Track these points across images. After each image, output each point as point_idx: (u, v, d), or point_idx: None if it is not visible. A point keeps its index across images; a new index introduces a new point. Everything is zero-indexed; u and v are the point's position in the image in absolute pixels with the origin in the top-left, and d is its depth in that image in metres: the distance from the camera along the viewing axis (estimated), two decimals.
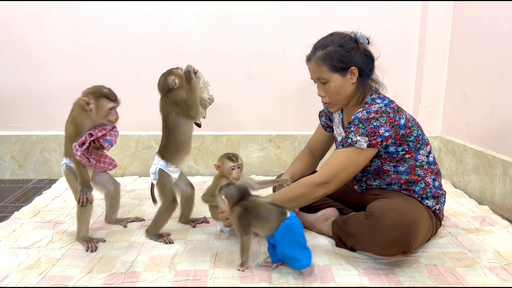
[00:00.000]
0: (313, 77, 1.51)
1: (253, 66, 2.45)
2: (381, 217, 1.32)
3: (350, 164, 1.41)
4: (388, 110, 1.40)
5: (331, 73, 1.44)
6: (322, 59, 1.44)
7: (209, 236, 1.62)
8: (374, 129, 1.38)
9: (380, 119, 1.38)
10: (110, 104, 1.48)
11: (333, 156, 1.44)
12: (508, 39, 1.87)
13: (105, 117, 1.49)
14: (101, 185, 1.68)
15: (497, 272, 1.34)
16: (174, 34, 2.38)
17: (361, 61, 1.45)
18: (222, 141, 2.50)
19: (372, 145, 1.38)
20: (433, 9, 2.35)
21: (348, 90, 1.47)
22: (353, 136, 1.39)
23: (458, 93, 2.30)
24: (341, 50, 1.43)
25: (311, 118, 2.51)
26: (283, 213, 1.31)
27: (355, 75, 1.45)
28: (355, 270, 1.34)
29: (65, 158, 1.58)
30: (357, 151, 1.40)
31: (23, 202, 2.03)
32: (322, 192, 1.42)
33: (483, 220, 1.75)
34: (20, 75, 2.39)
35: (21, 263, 1.40)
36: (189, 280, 1.30)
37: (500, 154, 1.93)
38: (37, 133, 2.44)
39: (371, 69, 1.49)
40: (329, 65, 1.43)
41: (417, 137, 1.48)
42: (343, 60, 1.43)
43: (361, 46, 1.46)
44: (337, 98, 1.49)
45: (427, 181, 1.50)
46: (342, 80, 1.45)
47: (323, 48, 1.45)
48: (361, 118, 1.39)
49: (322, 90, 1.50)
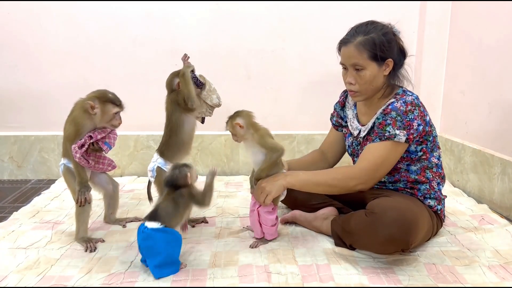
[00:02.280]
0: (347, 63, 1.43)
1: (252, 65, 2.45)
2: (381, 214, 1.32)
3: (389, 158, 1.40)
4: (419, 103, 1.41)
5: (370, 61, 1.40)
6: (364, 44, 1.38)
7: (208, 236, 1.62)
8: (410, 122, 1.37)
9: (414, 112, 1.38)
10: (115, 109, 1.49)
11: (370, 150, 1.41)
12: (506, 39, 1.88)
13: (108, 122, 1.50)
14: (99, 185, 1.68)
15: (496, 270, 1.34)
16: (173, 34, 2.38)
17: (397, 55, 1.44)
18: (221, 141, 2.50)
19: (409, 139, 1.38)
20: (431, 9, 2.35)
21: (380, 81, 1.45)
22: (391, 129, 1.38)
23: (456, 92, 2.30)
24: (384, 39, 1.39)
25: (309, 117, 2.52)
26: None
27: (389, 67, 1.43)
28: (354, 270, 1.34)
29: (63, 159, 1.57)
30: (395, 144, 1.39)
31: (22, 203, 2.03)
32: (359, 188, 1.42)
33: (482, 219, 1.75)
34: (18, 75, 2.38)
35: (20, 264, 1.39)
36: (188, 280, 1.30)
37: (498, 153, 1.93)
38: (35, 133, 2.44)
39: (402, 64, 1.48)
40: (370, 52, 1.38)
41: (434, 137, 1.49)
42: (384, 50, 1.39)
43: (398, 40, 1.45)
44: (367, 88, 1.44)
45: (432, 185, 1.51)
46: (377, 70, 1.42)
47: (365, 33, 1.40)
48: (400, 109, 1.38)
49: (353, 77, 1.44)
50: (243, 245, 1.52)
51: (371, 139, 1.44)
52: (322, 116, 2.50)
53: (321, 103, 2.47)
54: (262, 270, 1.34)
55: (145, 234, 1.28)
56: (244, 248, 1.50)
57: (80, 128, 1.48)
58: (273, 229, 1.53)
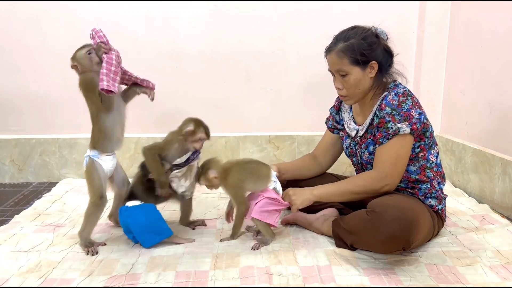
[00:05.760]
0: (332, 69, 1.50)
1: (252, 67, 2.45)
2: (382, 212, 1.33)
3: (402, 152, 1.42)
4: (411, 94, 1.44)
5: (352, 66, 1.44)
6: (344, 51, 1.43)
7: (209, 238, 1.62)
8: (407, 112, 1.39)
9: (407, 101, 1.40)
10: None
11: (382, 152, 1.44)
12: (506, 38, 1.88)
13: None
14: (116, 185, 1.65)
15: (497, 270, 1.34)
16: (172, 36, 2.38)
17: (381, 56, 1.46)
18: (221, 143, 2.51)
19: (413, 130, 1.40)
20: (430, 9, 2.35)
21: (367, 84, 1.48)
22: (392, 125, 1.40)
23: (456, 92, 2.30)
24: (364, 43, 1.43)
25: (310, 118, 2.52)
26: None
27: (375, 69, 1.46)
28: (356, 270, 1.34)
29: (91, 150, 1.53)
30: (402, 138, 1.41)
31: (23, 206, 2.03)
32: (386, 189, 1.43)
33: (483, 219, 1.75)
34: (19, 78, 2.39)
35: (22, 267, 1.39)
36: (190, 282, 1.30)
37: (499, 153, 1.93)
38: (36, 137, 2.44)
39: (390, 64, 1.51)
40: (350, 57, 1.43)
41: (431, 133, 1.50)
42: (364, 54, 1.43)
43: (382, 42, 1.47)
44: (354, 92, 1.49)
45: (433, 184, 1.52)
46: (361, 74, 1.46)
47: (345, 40, 1.44)
48: (393, 103, 1.40)
49: (340, 82, 1.49)
50: (244, 247, 1.52)
51: (378, 142, 1.45)
52: (322, 117, 2.49)
53: (321, 104, 2.45)
54: (263, 271, 1.34)
55: (126, 212, 1.48)
56: (245, 249, 1.50)
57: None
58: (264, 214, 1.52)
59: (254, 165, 1.58)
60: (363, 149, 1.55)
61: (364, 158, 1.55)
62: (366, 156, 1.54)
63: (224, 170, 1.55)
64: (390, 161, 1.42)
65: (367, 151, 1.53)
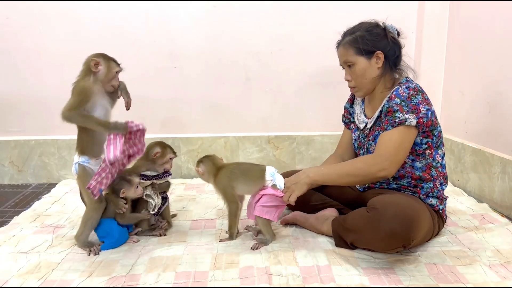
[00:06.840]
0: (341, 61, 1.56)
1: (251, 67, 2.45)
2: (383, 209, 1.33)
3: (404, 142, 1.42)
4: (422, 90, 1.45)
5: (357, 56, 1.49)
6: (349, 42, 1.50)
7: (209, 238, 1.62)
8: (416, 106, 1.41)
9: (417, 96, 1.42)
10: (117, 68, 1.52)
11: (385, 138, 1.43)
12: (505, 37, 1.88)
13: (110, 81, 1.51)
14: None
15: (497, 270, 1.34)
16: (171, 37, 2.38)
17: (388, 47, 1.49)
18: (221, 143, 2.51)
19: (419, 123, 1.40)
20: (429, 8, 2.35)
21: (374, 74, 1.51)
22: (400, 114, 1.41)
23: (455, 92, 2.30)
24: (367, 34, 1.49)
25: (309, 118, 2.52)
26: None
27: (381, 59, 1.49)
28: (355, 270, 1.34)
29: (79, 157, 1.52)
30: (407, 128, 1.41)
31: (23, 207, 2.03)
32: (382, 174, 1.42)
33: (483, 218, 1.75)
34: (18, 79, 2.39)
35: (21, 268, 1.39)
36: (189, 282, 1.30)
37: (498, 152, 1.93)
38: (35, 138, 2.44)
39: (398, 56, 1.53)
40: (355, 48, 1.49)
41: (439, 133, 1.51)
42: (368, 44, 1.48)
43: (389, 34, 1.50)
44: (362, 82, 1.52)
45: (436, 183, 1.52)
46: (367, 64, 1.50)
47: (351, 33, 1.52)
48: (403, 95, 1.42)
49: (349, 74, 1.54)
50: (244, 247, 1.52)
51: (383, 128, 1.45)
52: (321, 117, 2.51)
53: (320, 104, 2.47)
54: (263, 271, 1.34)
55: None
56: (245, 250, 1.50)
57: (89, 95, 1.46)
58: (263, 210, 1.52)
59: (247, 166, 1.60)
60: (371, 141, 1.56)
61: (371, 151, 1.56)
62: (373, 148, 1.54)
63: (216, 168, 1.57)
64: (392, 147, 1.41)
65: (374, 143, 1.54)
